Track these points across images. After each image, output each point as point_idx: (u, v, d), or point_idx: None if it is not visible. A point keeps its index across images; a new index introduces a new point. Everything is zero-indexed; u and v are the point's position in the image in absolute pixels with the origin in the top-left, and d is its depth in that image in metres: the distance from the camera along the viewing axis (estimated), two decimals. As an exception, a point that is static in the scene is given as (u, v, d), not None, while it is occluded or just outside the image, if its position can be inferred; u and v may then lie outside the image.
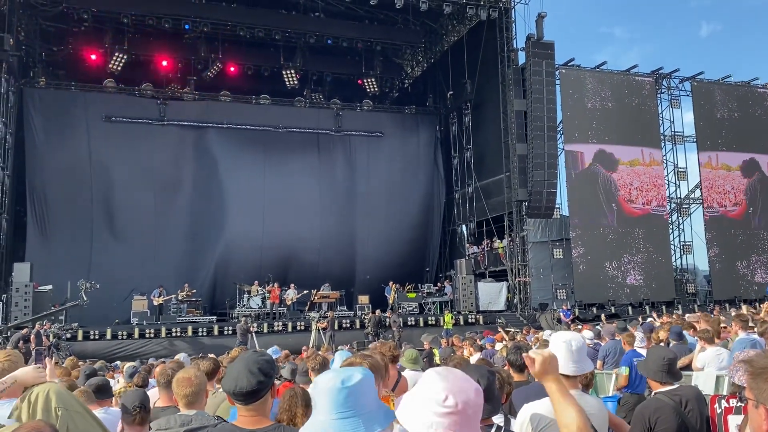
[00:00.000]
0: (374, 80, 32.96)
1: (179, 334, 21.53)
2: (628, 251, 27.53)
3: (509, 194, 26.34)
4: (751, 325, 7.98)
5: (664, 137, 30.19)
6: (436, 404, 1.74)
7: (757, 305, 20.36)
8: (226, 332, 21.79)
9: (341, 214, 29.19)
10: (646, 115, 29.30)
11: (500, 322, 23.10)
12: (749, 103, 31.53)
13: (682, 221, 30.43)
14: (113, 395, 5.40)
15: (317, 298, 24.58)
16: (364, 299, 25.59)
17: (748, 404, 1.85)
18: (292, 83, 30.91)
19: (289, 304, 24.60)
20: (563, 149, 27.62)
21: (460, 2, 26.33)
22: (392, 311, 24.09)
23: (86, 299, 20.54)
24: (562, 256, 27.57)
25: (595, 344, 9.55)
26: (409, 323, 23.33)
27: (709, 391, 6.14)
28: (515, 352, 4.82)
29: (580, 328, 16.18)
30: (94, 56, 28.56)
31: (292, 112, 29.83)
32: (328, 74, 32.57)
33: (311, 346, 18.68)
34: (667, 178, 29.92)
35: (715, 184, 30.15)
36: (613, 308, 25.95)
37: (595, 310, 25.79)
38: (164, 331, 21.49)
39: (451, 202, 31.72)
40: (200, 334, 21.78)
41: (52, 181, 25.61)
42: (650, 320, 14.39)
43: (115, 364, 14.90)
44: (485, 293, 26.10)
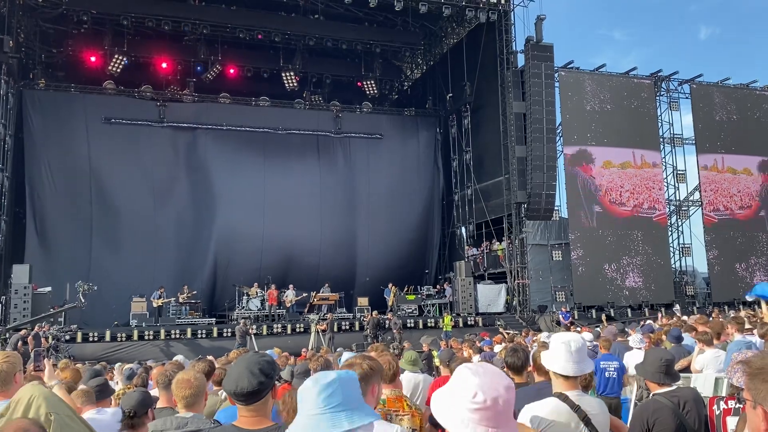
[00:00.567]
0: (374, 82, 32.95)
1: (178, 336, 21.49)
2: (627, 253, 27.57)
3: (508, 196, 26.36)
4: (747, 327, 8.00)
5: (663, 140, 30.24)
6: (466, 400, 1.80)
7: (754, 308, 20.34)
8: (225, 334, 21.74)
9: (341, 215, 29.17)
10: (645, 117, 29.35)
11: (500, 324, 23.11)
12: (748, 105, 31.59)
13: (681, 223, 30.47)
14: (112, 396, 5.41)
15: (317, 300, 24.59)
16: (363, 301, 25.56)
17: (746, 405, 1.86)
18: (291, 85, 30.89)
19: (288, 305, 24.58)
20: (562, 151, 27.68)
21: (459, 5, 26.34)
22: (392, 313, 24.10)
23: (84, 301, 20.50)
24: (561, 258, 27.62)
25: (593, 347, 9.53)
26: (408, 325, 23.30)
27: (708, 393, 6.15)
28: (513, 354, 4.81)
29: (579, 330, 16.17)
30: (93, 58, 28.52)
31: (291, 114, 29.79)
32: (327, 76, 32.53)
33: (310, 348, 18.69)
34: (666, 180, 29.97)
35: (720, 187, 30.17)
36: (612, 311, 25.96)
37: (594, 312, 25.82)
38: (163, 333, 21.44)
39: (450, 204, 31.72)
40: (199, 336, 21.74)
41: (51, 182, 25.57)
42: (655, 321, 14.37)
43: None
44: (484, 295, 26.12)
